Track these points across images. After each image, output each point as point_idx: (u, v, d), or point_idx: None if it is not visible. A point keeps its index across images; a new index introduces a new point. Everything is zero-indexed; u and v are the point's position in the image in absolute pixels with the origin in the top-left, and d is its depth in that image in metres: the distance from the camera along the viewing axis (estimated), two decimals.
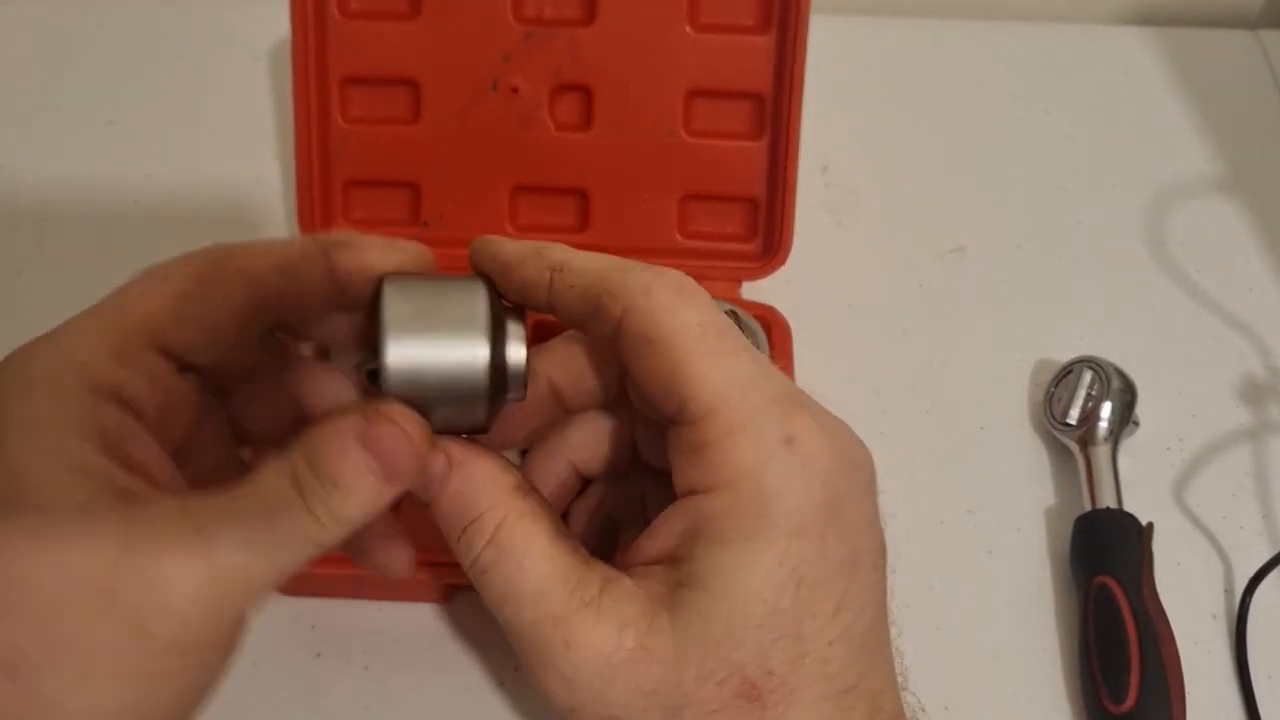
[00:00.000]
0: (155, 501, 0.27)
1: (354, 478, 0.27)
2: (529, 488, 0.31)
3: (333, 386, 0.33)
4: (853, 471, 0.29)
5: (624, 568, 0.30)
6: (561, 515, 0.34)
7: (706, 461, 0.28)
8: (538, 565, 0.29)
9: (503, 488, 0.30)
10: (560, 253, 0.31)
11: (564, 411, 0.34)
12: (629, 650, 0.27)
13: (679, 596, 0.28)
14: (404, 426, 0.28)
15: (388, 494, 0.28)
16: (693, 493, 0.28)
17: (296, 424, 0.31)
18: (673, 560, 0.29)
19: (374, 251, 0.31)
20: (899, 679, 0.31)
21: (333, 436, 0.27)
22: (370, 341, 0.30)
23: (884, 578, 0.30)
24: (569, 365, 0.33)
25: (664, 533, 0.29)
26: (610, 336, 0.30)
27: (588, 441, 0.34)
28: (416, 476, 0.29)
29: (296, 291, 0.31)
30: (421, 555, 0.42)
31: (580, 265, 0.30)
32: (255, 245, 0.30)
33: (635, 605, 0.28)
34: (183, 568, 0.25)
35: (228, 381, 0.32)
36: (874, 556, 0.30)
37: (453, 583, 0.43)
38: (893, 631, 0.32)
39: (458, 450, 0.30)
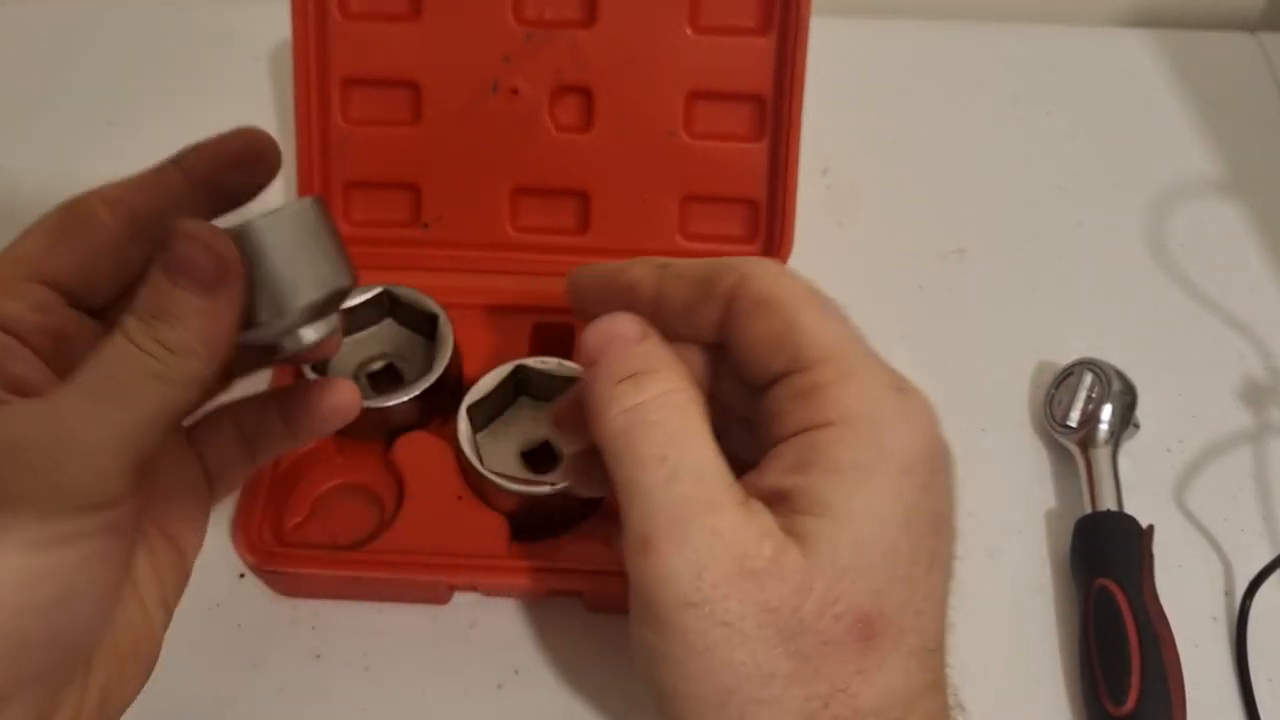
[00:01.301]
0: (16, 402, 0.28)
1: (171, 302, 0.28)
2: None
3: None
4: (940, 437, 0.30)
5: None
6: None
7: (822, 400, 0.29)
8: (706, 445, 0.29)
9: (682, 369, 0.30)
10: (659, 258, 0.33)
11: None
12: (765, 560, 0.27)
13: (801, 524, 0.28)
14: (196, 234, 0.28)
15: (215, 308, 0.28)
16: (805, 430, 0.29)
17: None
18: (783, 497, 0.28)
19: (212, 144, 0.33)
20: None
21: (144, 280, 0.29)
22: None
23: (948, 542, 0.30)
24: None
25: (773, 469, 0.29)
26: (713, 318, 0.31)
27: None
28: (234, 279, 0.29)
29: (160, 202, 0.32)
30: (421, 556, 0.43)
31: (683, 260, 0.32)
32: (115, 181, 0.33)
33: (774, 521, 0.28)
34: (34, 455, 0.26)
35: None
36: (954, 523, 0.30)
37: (453, 583, 0.43)
38: None
39: (650, 328, 0.31)
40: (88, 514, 0.27)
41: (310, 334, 0.31)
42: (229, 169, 0.33)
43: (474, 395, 0.45)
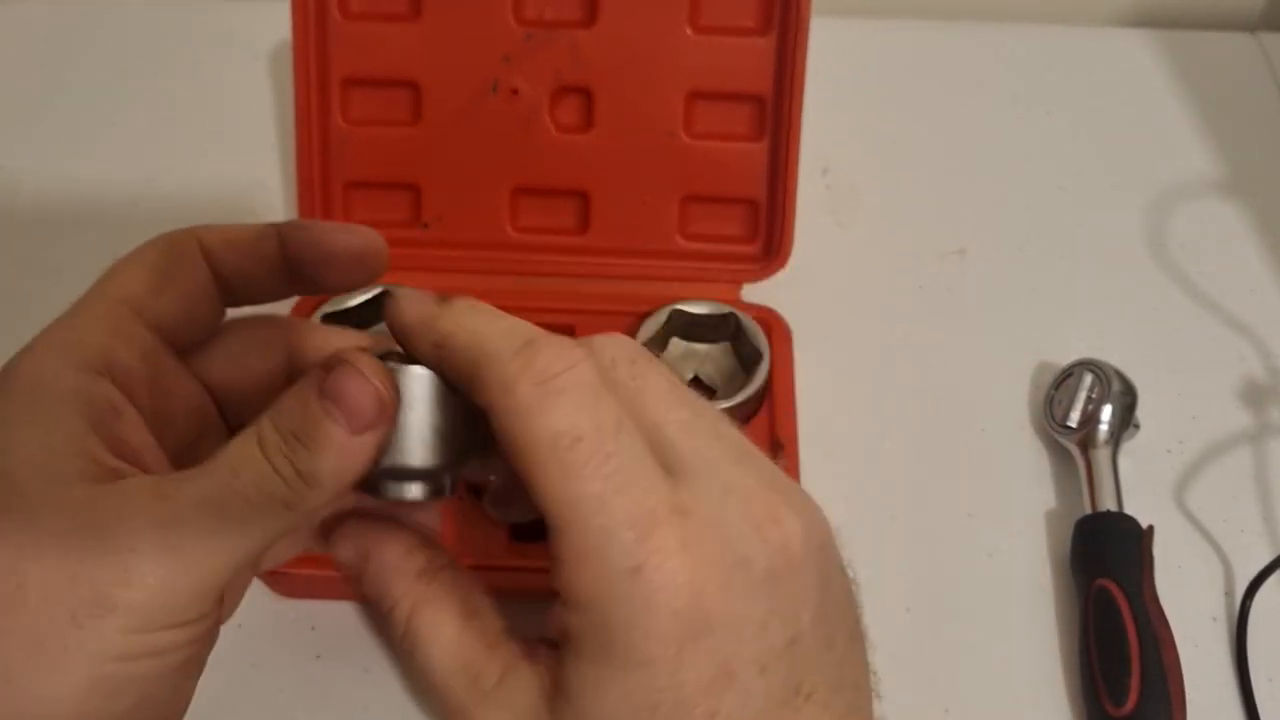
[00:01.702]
0: (128, 482, 0.27)
1: (316, 429, 0.27)
2: (440, 565, 0.30)
3: (321, 336, 0.34)
4: (735, 574, 0.27)
5: (535, 640, 0.30)
6: None
7: (561, 579, 0.27)
8: (441, 657, 0.29)
9: (407, 575, 0.30)
10: (448, 323, 0.29)
11: None
12: (547, 686, 0.28)
13: (555, 703, 0.28)
14: (362, 369, 0.27)
15: (357, 447, 0.27)
16: (560, 610, 0.28)
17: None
18: (558, 652, 0.28)
19: (322, 231, 0.32)
20: None
21: (293, 392, 0.27)
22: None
23: (778, 680, 0.28)
24: None
25: (551, 624, 0.29)
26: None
27: None
28: (385, 423, 0.28)
29: (253, 267, 0.32)
30: None
31: (462, 342, 0.28)
32: (216, 225, 0.32)
33: (527, 698, 0.28)
34: (137, 522, 0.26)
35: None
36: (766, 658, 0.27)
37: None
38: (893, 636, 0.31)
39: (371, 534, 0.31)
40: (184, 629, 0.26)
41: (416, 490, 0.30)
42: (330, 264, 0.32)
43: None
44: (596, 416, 0.26)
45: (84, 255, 0.56)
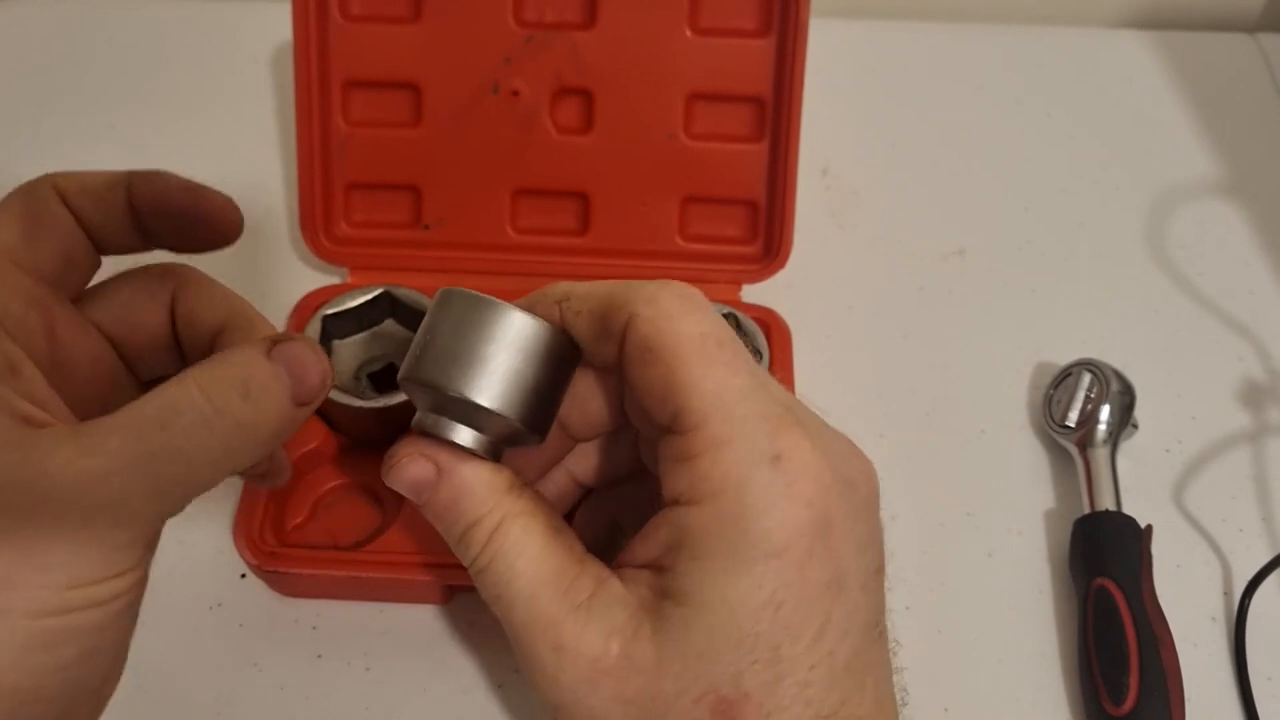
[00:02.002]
0: (49, 431, 0.26)
1: (264, 385, 0.27)
2: (523, 485, 0.31)
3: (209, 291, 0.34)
4: (846, 490, 0.29)
5: (616, 568, 0.30)
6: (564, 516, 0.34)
7: (693, 473, 0.28)
8: (530, 567, 0.29)
9: (495, 489, 0.30)
10: (564, 286, 0.31)
11: (572, 441, 0.34)
12: (614, 658, 0.28)
13: (663, 608, 0.28)
14: (311, 348, 0.28)
15: (292, 418, 0.28)
16: (677, 503, 0.28)
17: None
18: (658, 568, 0.29)
19: (167, 187, 0.32)
20: (899, 697, 0.31)
21: (239, 348, 0.28)
22: (451, 413, 0.30)
23: (876, 599, 0.29)
24: (576, 401, 0.33)
25: (651, 540, 0.29)
26: (614, 357, 0.30)
27: (588, 456, 0.35)
28: (317, 401, 0.29)
29: (107, 215, 0.32)
30: (421, 556, 0.43)
31: (584, 290, 0.30)
32: (69, 173, 0.32)
33: (624, 611, 0.28)
34: (78, 521, 0.25)
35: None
36: (864, 578, 0.29)
37: (453, 584, 0.44)
38: (893, 637, 0.32)
39: (445, 457, 0.30)
40: (118, 579, 0.26)
41: (468, 436, 0.30)
42: (175, 223, 0.32)
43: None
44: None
45: None
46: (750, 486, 0.27)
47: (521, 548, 0.29)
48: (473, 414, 0.29)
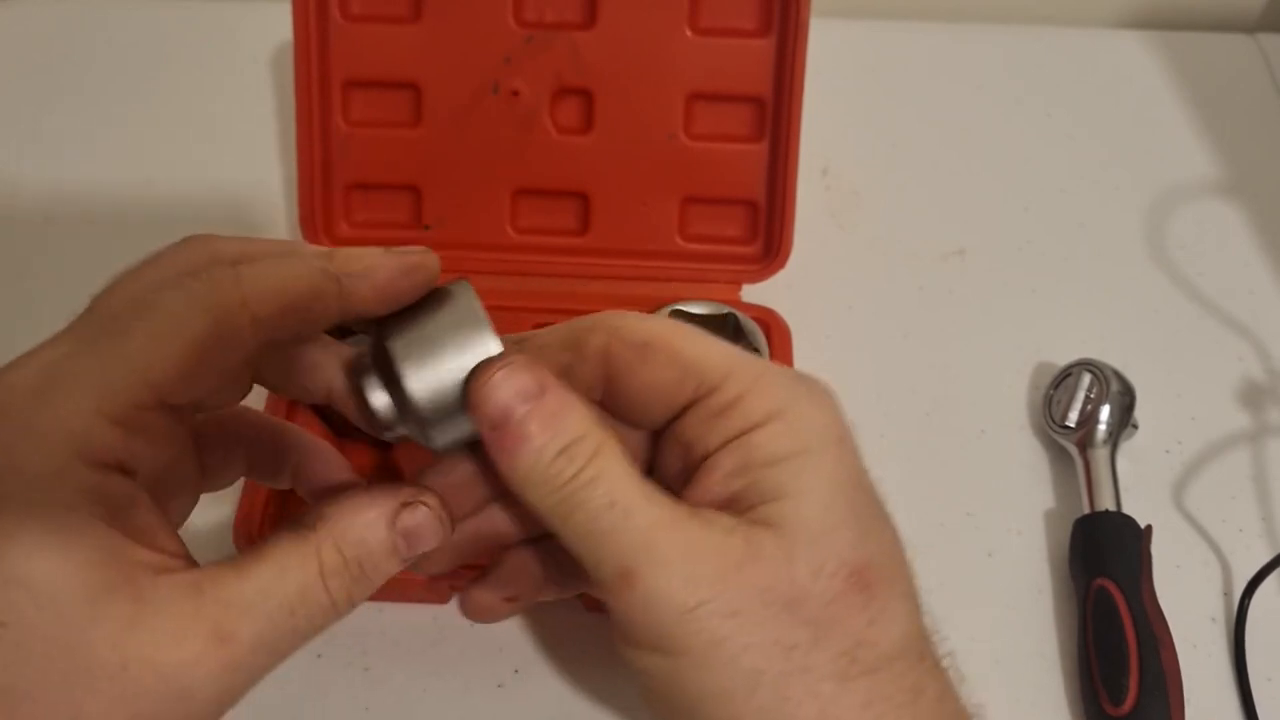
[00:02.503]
0: (167, 582, 0.26)
1: (382, 566, 0.29)
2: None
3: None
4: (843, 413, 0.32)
5: None
6: None
7: (742, 410, 0.29)
8: (640, 478, 0.29)
9: (594, 416, 0.30)
10: (515, 336, 0.32)
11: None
12: (742, 549, 0.28)
13: (761, 513, 0.29)
14: (432, 505, 0.29)
15: (397, 571, 0.29)
16: (734, 437, 0.29)
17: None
18: (731, 500, 0.29)
19: (385, 273, 0.30)
20: None
21: (364, 520, 0.28)
22: (382, 373, 0.30)
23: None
24: None
25: (710, 480, 0.30)
26: (589, 375, 0.31)
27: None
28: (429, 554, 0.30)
29: (308, 326, 0.30)
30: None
31: (541, 333, 0.32)
32: (267, 279, 0.28)
33: (729, 518, 0.29)
34: (199, 670, 0.25)
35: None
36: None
37: (453, 583, 0.44)
38: None
39: (547, 374, 0.30)
40: None
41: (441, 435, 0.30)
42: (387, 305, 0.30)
43: None
44: None
45: (84, 256, 0.57)
46: (799, 401, 0.30)
47: (627, 463, 0.29)
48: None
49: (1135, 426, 0.48)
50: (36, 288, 0.55)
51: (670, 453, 0.32)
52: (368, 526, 0.28)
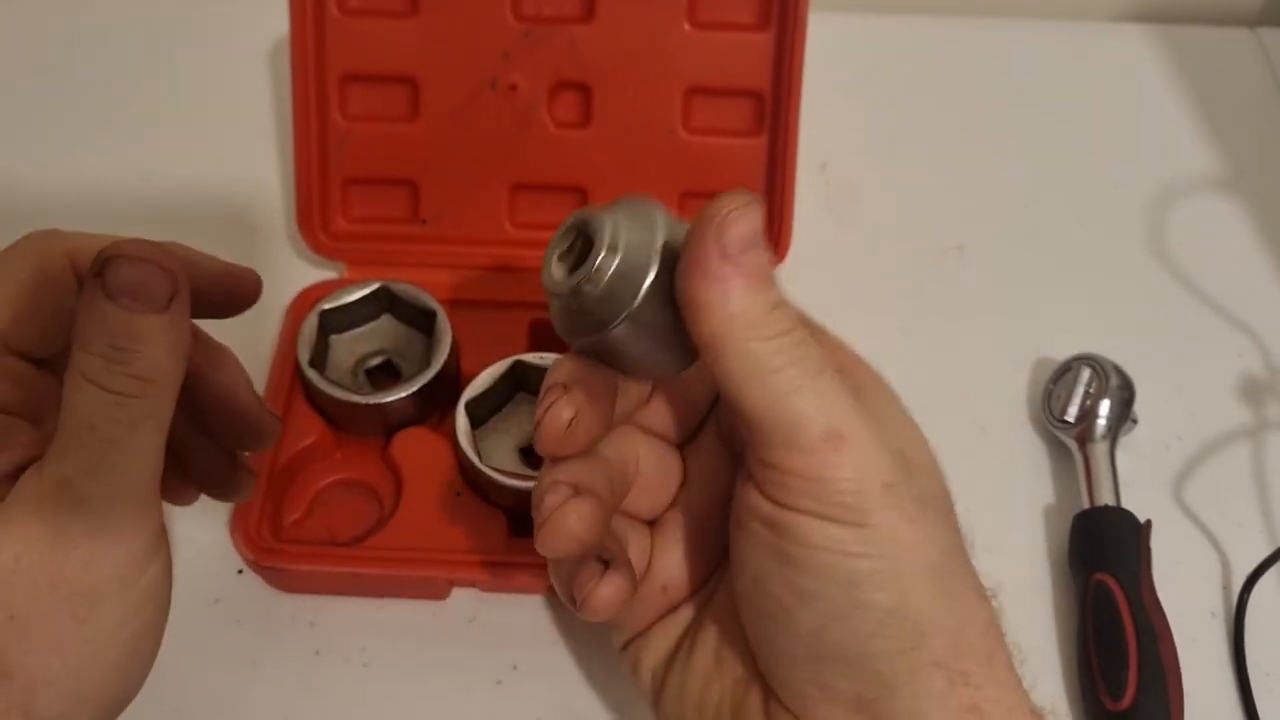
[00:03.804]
0: (18, 494, 0.28)
1: (128, 330, 0.27)
2: None
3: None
4: None
5: None
6: None
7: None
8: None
9: None
10: None
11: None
12: (905, 457, 0.30)
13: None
14: (129, 253, 0.28)
15: (174, 319, 0.28)
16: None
17: None
18: None
19: (202, 265, 0.32)
20: None
21: (84, 314, 0.28)
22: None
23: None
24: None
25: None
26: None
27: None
28: (186, 285, 0.28)
29: None
30: (420, 552, 0.43)
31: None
32: (86, 237, 0.32)
33: None
34: (97, 546, 0.27)
35: None
36: None
37: (451, 579, 0.44)
38: None
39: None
40: (153, 563, 0.29)
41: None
42: (200, 299, 0.31)
43: (472, 391, 0.45)
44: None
45: None
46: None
47: (812, 340, 0.30)
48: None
49: (1135, 421, 0.48)
50: None
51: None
52: (86, 313, 0.28)
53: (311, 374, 0.45)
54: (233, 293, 0.33)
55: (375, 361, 0.48)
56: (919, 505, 0.28)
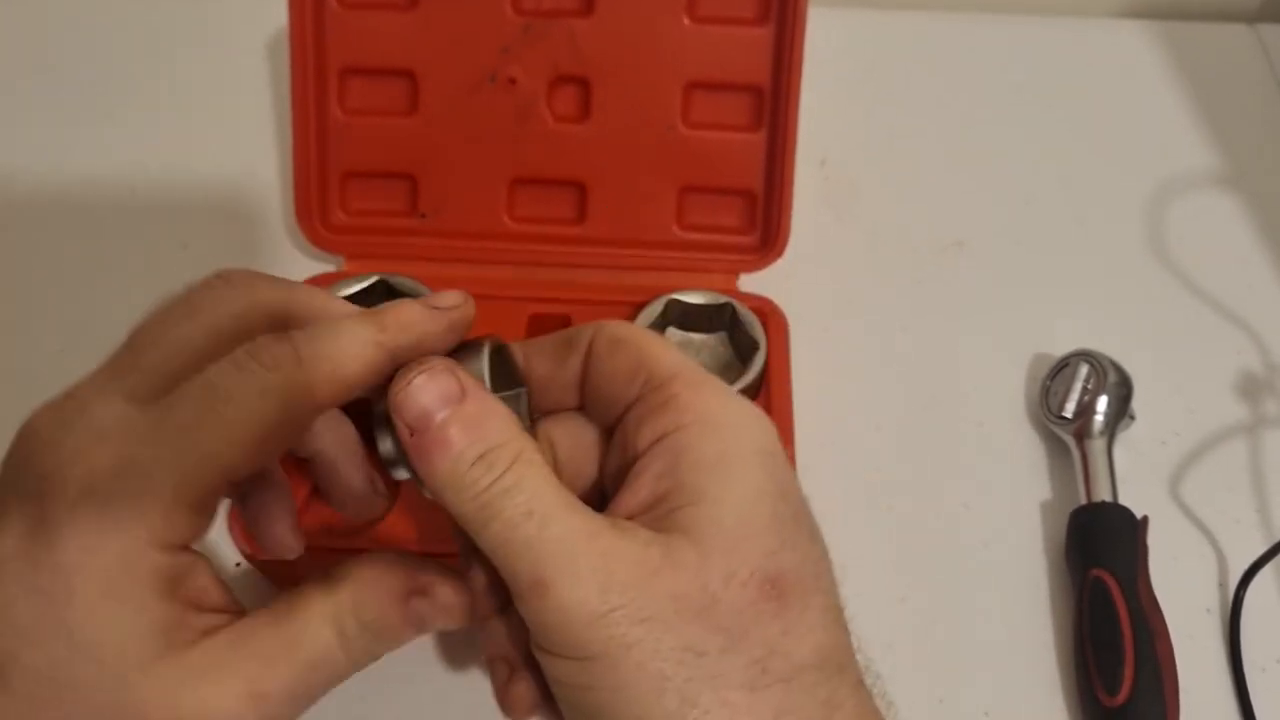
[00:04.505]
0: (209, 644, 0.28)
1: (397, 633, 0.30)
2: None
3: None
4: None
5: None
6: None
7: (678, 406, 0.30)
8: (561, 490, 0.29)
9: (515, 421, 0.30)
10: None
11: None
12: (658, 560, 0.28)
13: (682, 518, 0.29)
14: (441, 594, 0.30)
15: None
16: (664, 436, 0.30)
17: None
18: (659, 499, 0.30)
19: (435, 340, 0.31)
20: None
21: (380, 591, 0.30)
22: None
23: None
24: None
25: (641, 481, 0.30)
26: (576, 367, 0.33)
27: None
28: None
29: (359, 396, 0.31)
30: (418, 546, 0.43)
31: (538, 339, 0.34)
32: (326, 360, 0.29)
33: (648, 531, 0.29)
34: None
35: None
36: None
37: None
38: (888, 626, 0.32)
39: (468, 377, 0.30)
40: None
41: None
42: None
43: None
44: None
45: (79, 245, 0.57)
46: (729, 408, 0.31)
47: (547, 474, 0.29)
48: (496, 360, 0.31)
49: (1132, 418, 0.48)
50: (32, 279, 0.55)
51: (613, 452, 0.32)
52: (381, 604, 0.30)
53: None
54: None
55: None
56: (644, 623, 0.28)
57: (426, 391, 0.29)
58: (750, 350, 0.48)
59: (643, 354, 0.32)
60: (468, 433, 0.29)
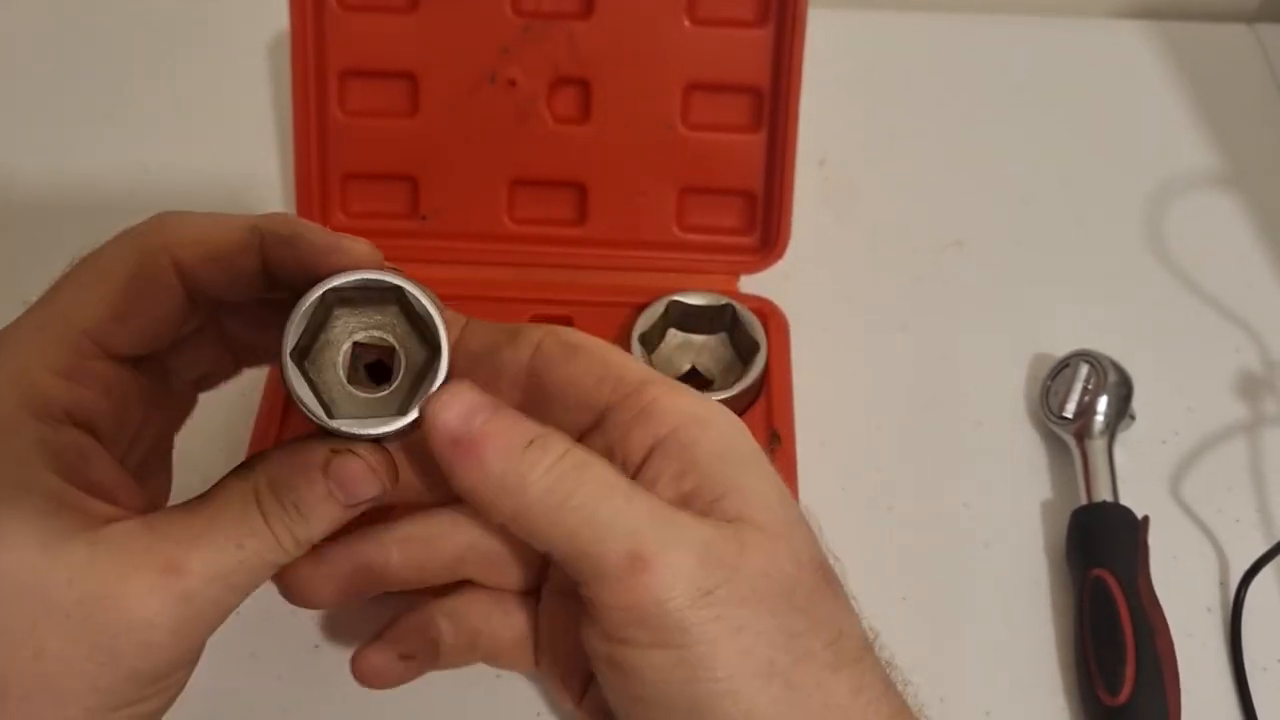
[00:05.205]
0: (120, 525, 0.27)
1: (318, 506, 0.28)
2: None
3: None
4: None
5: None
6: None
7: (661, 410, 0.30)
8: (609, 472, 0.29)
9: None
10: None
11: None
12: (734, 539, 0.28)
13: (727, 507, 0.29)
14: (366, 458, 0.29)
15: (346, 518, 0.29)
16: (662, 440, 0.30)
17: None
18: (683, 498, 0.29)
19: (311, 254, 0.30)
20: None
21: (297, 466, 0.28)
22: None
23: None
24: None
25: (662, 481, 0.29)
26: (522, 358, 0.32)
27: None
28: (378, 501, 0.29)
29: (230, 281, 0.31)
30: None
31: (477, 326, 0.33)
32: (189, 228, 0.30)
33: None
34: (153, 600, 0.26)
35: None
36: None
37: None
38: (888, 626, 0.32)
39: (497, 398, 0.30)
40: (184, 670, 0.29)
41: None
42: (308, 271, 0.30)
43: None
44: None
45: (79, 247, 0.57)
46: (709, 406, 0.31)
47: (592, 458, 0.29)
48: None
49: (1133, 417, 0.48)
50: (30, 280, 0.55)
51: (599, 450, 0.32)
52: (299, 471, 0.28)
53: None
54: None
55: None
56: (744, 603, 0.27)
57: (460, 402, 0.29)
58: (751, 351, 0.48)
59: (608, 361, 0.31)
60: (513, 427, 0.28)
